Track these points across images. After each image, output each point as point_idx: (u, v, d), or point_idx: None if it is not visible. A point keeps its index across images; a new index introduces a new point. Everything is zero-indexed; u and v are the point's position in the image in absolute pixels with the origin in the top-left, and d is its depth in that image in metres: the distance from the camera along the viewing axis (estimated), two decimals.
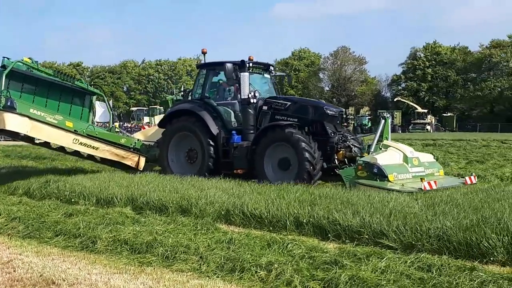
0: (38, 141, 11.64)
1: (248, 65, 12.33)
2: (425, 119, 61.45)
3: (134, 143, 13.03)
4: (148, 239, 6.43)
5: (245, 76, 11.90)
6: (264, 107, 12.18)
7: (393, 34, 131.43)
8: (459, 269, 5.10)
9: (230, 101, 12.82)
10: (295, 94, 68.26)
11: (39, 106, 11.35)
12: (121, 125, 29.99)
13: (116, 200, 9.04)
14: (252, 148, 11.54)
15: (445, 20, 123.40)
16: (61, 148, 11.95)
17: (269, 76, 13.60)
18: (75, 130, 11.52)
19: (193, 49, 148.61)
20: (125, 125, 40.35)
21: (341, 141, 11.65)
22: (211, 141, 12.12)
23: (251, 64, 12.56)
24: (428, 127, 59.24)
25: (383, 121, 11.50)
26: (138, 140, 13.45)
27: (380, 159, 9.97)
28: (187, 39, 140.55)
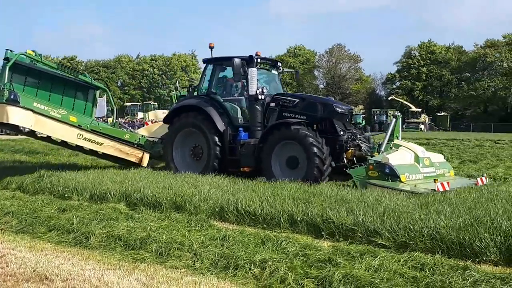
0: (40, 135, 11.52)
1: (256, 60, 12.04)
2: (419, 118, 61.54)
3: (139, 139, 12.92)
4: (142, 235, 6.43)
5: (253, 71, 11.71)
6: (272, 104, 11.96)
7: (389, 33, 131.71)
8: (452, 268, 5.14)
9: (237, 97, 12.59)
10: (289, 91, 68.05)
11: (42, 100, 11.23)
12: (116, 121, 29.86)
13: (110, 195, 9.02)
14: (260, 146, 11.30)
15: (440, 19, 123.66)
16: (63, 142, 11.79)
17: (276, 72, 13.33)
18: (79, 125, 11.43)
19: (187, 45, 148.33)
20: (118, 120, 40.16)
21: (351, 139, 11.36)
22: (217, 138, 11.85)
23: (258, 60, 12.21)
24: (422, 126, 59.29)
25: (394, 120, 11.18)
26: (142, 136, 13.32)
27: (392, 159, 9.68)
28: (181, 34, 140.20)
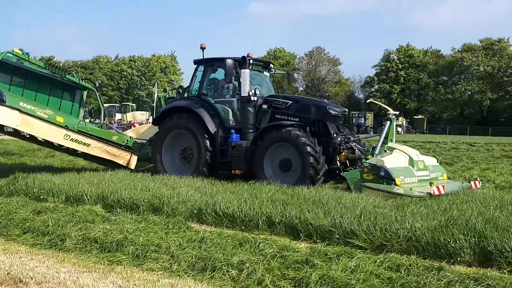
0: (23, 134, 11.30)
1: (248, 61, 11.91)
2: (396, 121, 62.13)
3: (127, 140, 12.72)
4: (119, 238, 6.35)
5: (246, 73, 11.58)
6: (264, 106, 11.82)
7: (368, 36, 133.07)
8: (427, 269, 5.19)
9: (228, 99, 12.47)
10: None
11: (29, 100, 11.01)
12: (92, 122, 29.63)
13: (86, 197, 8.89)
14: (252, 148, 11.17)
15: (418, 23, 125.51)
16: (48, 143, 11.58)
17: (268, 74, 13.23)
18: (66, 126, 11.24)
19: (166, 46, 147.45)
20: (96, 121, 39.89)
21: (344, 142, 11.26)
22: (208, 140, 11.71)
23: (251, 61, 12.08)
24: (399, 129, 59.93)
25: (388, 122, 11.16)
26: (130, 137, 13.12)
27: (387, 162, 9.59)
28: (160, 35, 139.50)
